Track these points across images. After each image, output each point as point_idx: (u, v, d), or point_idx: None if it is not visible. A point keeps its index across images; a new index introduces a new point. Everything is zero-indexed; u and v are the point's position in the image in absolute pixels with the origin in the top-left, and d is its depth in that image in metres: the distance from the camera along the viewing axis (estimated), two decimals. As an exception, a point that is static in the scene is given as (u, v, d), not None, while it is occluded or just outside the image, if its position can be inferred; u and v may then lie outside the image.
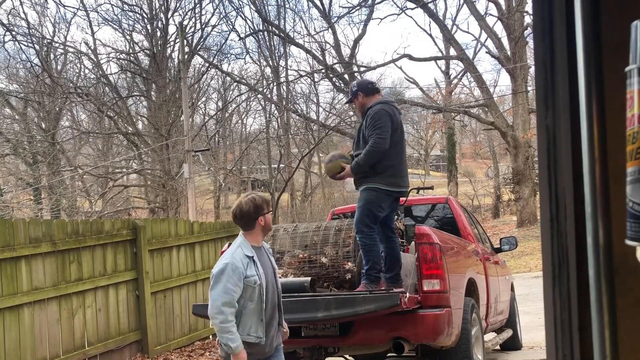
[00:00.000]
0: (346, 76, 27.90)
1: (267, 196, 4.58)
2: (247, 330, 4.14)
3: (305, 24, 55.12)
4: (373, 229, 5.57)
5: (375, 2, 29.00)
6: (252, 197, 4.34)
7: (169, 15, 28.29)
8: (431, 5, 27.86)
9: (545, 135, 1.40)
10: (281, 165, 32.47)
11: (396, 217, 6.06)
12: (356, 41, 30.13)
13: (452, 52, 29.76)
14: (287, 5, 32.61)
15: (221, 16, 36.01)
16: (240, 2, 38.22)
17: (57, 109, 28.23)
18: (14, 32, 26.42)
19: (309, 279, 5.54)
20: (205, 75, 31.58)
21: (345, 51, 30.09)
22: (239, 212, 4.28)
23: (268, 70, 33.10)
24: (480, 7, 54.78)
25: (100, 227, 7.95)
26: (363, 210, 5.58)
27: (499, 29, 35.95)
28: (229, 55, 44.74)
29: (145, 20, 28.35)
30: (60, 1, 38.28)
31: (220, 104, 35.92)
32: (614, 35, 1.30)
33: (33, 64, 27.57)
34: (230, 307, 4.06)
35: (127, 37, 29.23)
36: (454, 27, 31.21)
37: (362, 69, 29.45)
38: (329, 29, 29.58)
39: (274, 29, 30.54)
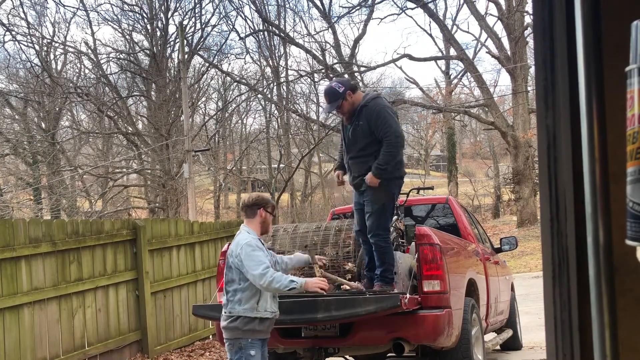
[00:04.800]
0: (346, 76, 27.91)
1: (274, 202, 5.05)
2: (263, 307, 4.55)
3: (305, 24, 55.20)
4: (389, 230, 5.58)
5: (375, 2, 29.02)
6: (261, 194, 5.04)
7: (169, 15, 28.32)
8: (431, 5, 27.90)
9: (545, 135, 1.40)
10: (281, 165, 32.48)
11: (396, 217, 6.05)
12: (356, 41, 30.17)
13: (452, 52, 29.77)
14: (287, 5, 32.65)
15: (221, 16, 36.07)
16: (240, 2, 38.23)
17: (57, 109, 28.23)
18: (14, 32, 26.44)
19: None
20: (205, 75, 31.62)
21: (345, 51, 30.15)
22: (247, 199, 4.89)
23: (268, 70, 33.15)
24: (480, 7, 54.84)
25: (100, 227, 7.95)
26: (384, 214, 5.53)
27: (499, 29, 35.91)
28: (229, 55, 44.80)
29: (145, 20, 28.38)
30: (60, 1, 38.31)
31: (220, 104, 35.95)
32: (614, 35, 1.30)
33: (33, 64, 27.60)
34: (268, 269, 4.47)
35: (127, 37, 29.27)
36: (454, 27, 31.25)
37: (362, 68, 29.47)
38: (329, 29, 29.62)
39: (274, 29, 30.54)
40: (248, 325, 4.52)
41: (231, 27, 48.61)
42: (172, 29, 28.15)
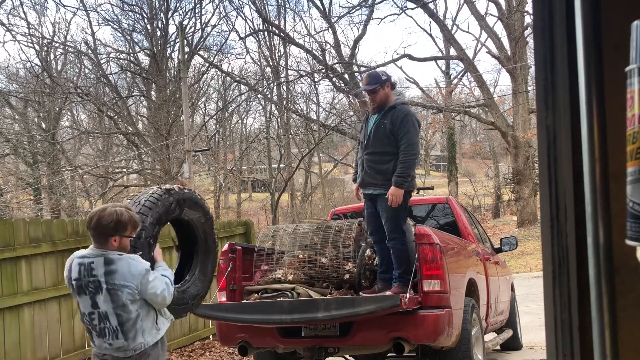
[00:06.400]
0: (346, 76, 27.91)
1: (137, 218, 3.84)
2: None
3: (305, 24, 55.25)
4: (404, 233, 5.64)
5: (375, 2, 29.02)
6: (121, 210, 3.68)
7: (169, 15, 28.33)
8: (431, 5, 27.90)
9: (545, 135, 1.40)
10: (281, 165, 32.48)
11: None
12: (356, 41, 30.16)
13: (452, 52, 29.76)
14: (287, 5, 32.69)
15: (221, 16, 36.10)
16: (240, 2, 38.28)
17: (57, 109, 28.24)
18: (14, 32, 26.45)
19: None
20: (205, 75, 31.64)
21: (345, 51, 30.13)
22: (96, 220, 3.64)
23: (268, 70, 33.15)
24: (480, 7, 54.90)
25: (100, 227, 7.94)
26: (402, 216, 5.62)
27: (499, 29, 36.00)
28: (229, 55, 44.83)
29: (145, 20, 28.38)
30: (60, 1, 38.33)
31: (220, 104, 35.97)
32: (614, 35, 1.30)
33: (33, 64, 27.62)
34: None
35: (127, 37, 29.28)
36: (454, 27, 31.26)
37: (362, 68, 29.45)
38: (329, 29, 29.60)
39: (274, 29, 30.55)
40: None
41: (231, 27, 48.87)
42: (172, 29, 28.20)
